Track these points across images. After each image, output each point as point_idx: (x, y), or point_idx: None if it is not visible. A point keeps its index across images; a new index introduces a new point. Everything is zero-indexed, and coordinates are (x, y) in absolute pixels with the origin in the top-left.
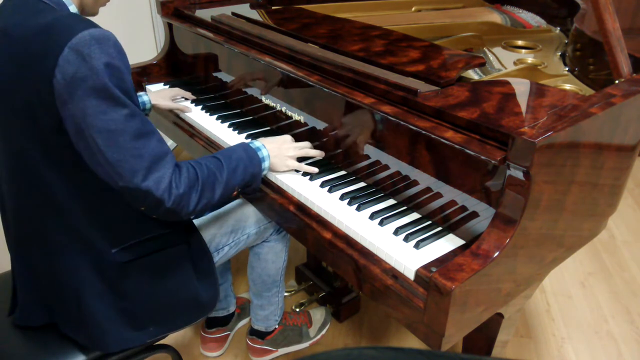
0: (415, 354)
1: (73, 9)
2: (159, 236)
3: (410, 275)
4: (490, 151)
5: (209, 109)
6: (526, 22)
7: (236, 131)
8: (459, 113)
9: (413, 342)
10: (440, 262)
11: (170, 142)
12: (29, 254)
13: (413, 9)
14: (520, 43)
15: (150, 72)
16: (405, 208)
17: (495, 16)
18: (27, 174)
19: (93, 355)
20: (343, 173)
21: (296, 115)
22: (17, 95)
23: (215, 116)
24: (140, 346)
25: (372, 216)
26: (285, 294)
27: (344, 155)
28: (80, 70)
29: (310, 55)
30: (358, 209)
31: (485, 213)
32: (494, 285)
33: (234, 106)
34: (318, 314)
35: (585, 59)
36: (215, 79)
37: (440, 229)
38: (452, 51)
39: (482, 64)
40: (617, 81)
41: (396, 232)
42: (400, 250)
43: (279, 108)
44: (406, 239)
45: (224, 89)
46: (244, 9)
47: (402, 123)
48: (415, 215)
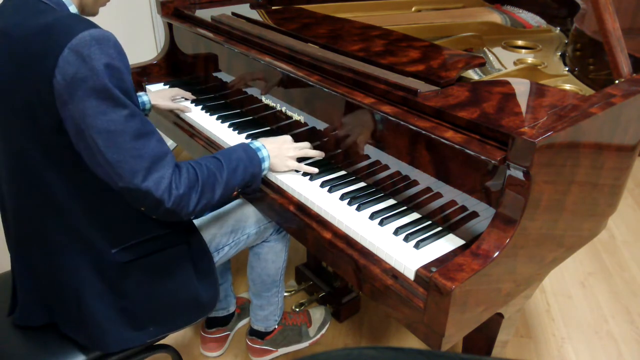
0: (415, 354)
1: (73, 9)
2: (159, 236)
3: (410, 275)
4: (490, 151)
5: (209, 109)
6: (526, 22)
7: (236, 131)
8: (459, 113)
9: (413, 342)
10: (440, 262)
11: (170, 142)
12: (29, 254)
13: (413, 9)
14: (520, 43)
15: (150, 72)
16: (405, 208)
17: (495, 16)
18: (27, 174)
19: (93, 355)
20: (343, 173)
21: (296, 115)
22: (17, 96)
23: (216, 116)
24: (140, 346)
25: (372, 216)
26: (285, 294)
27: (344, 155)
28: (80, 70)
29: (310, 55)
30: (358, 209)
31: (485, 213)
32: (494, 285)
33: (234, 106)
34: (317, 313)
35: (585, 59)
36: (215, 79)
37: (440, 229)
38: (452, 51)
39: (482, 64)
40: (617, 81)
41: (396, 232)
42: (400, 250)
43: (279, 108)
44: (406, 239)
45: (224, 89)
46: (244, 9)
47: (402, 123)
48: (415, 215)
